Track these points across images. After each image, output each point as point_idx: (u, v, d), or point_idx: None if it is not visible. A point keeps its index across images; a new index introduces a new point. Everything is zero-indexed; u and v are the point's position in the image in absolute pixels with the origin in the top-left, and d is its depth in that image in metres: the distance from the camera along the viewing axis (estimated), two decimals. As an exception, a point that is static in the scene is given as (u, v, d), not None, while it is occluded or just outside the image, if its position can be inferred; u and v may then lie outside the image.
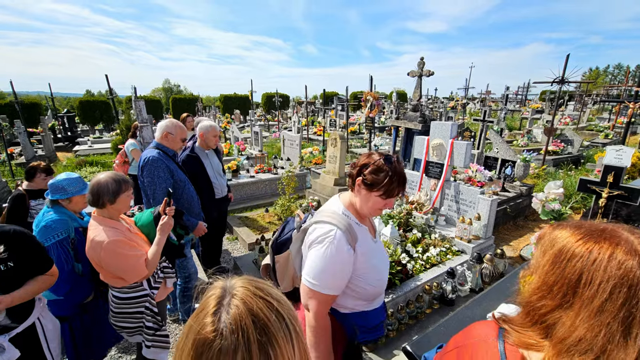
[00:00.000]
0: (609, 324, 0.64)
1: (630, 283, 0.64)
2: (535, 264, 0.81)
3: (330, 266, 1.35)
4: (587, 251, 0.70)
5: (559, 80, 7.94)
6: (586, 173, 7.58)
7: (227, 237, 5.15)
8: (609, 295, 0.65)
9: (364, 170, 1.40)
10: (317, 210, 1.59)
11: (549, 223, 4.57)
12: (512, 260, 4.32)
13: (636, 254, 0.66)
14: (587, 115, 17.76)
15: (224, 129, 13.28)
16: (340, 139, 5.67)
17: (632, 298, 0.64)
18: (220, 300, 0.64)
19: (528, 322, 0.77)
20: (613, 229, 0.73)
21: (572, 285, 0.70)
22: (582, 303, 0.68)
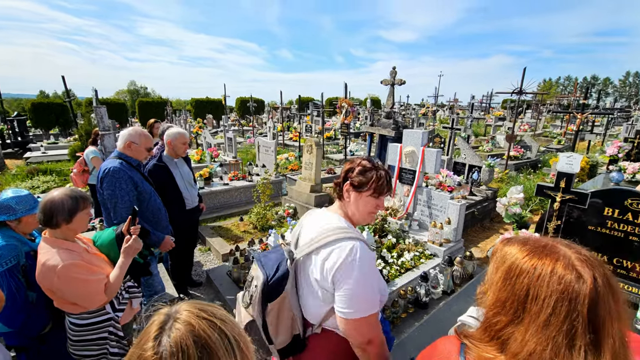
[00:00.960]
0: (554, 337, 0.68)
1: (570, 297, 0.68)
2: (489, 280, 0.84)
3: (370, 282, 1.27)
4: (532, 267, 0.73)
5: (518, 90, 8.48)
6: (543, 177, 8.11)
7: (199, 248, 4.98)
8: (552, 310, 0.69)
9: (350, 174, 1.39)
10: (314, 232, 1.36)
11: (512, 225, 4.83)
12: (480, 261, 4.52)
13: (573, 268, 0.70)
14: (543, 122, 19.09)
15: (196, 134, 12.91)
16: (316, 145, 5.70)
17: (573, 311, 0.67)
18: (162, 326, 0.66)
19: (486, 338, 0.80)
20: (553, 244, 0.77)
21: (521, 301, 0.73)
22: (531, 318, 0.71)
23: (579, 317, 0.67)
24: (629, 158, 7.04)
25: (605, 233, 3.07)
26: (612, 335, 0.68)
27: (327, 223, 1.37)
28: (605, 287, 0.69)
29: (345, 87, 10.88)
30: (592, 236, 3.14)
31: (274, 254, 1.44)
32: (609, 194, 3.08)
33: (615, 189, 3.16)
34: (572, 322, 0.67)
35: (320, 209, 1.52)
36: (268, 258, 1.43)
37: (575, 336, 0.67)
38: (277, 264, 1.36)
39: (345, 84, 10.85)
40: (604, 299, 0.68)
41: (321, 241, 1.30)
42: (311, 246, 1.32)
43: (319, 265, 1.28)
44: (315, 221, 1.43)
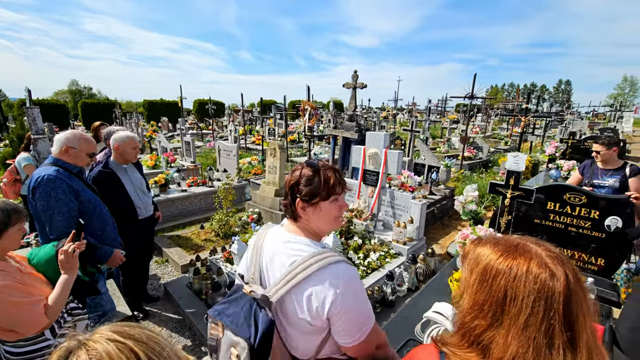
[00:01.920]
0: (535, 338, 0.67)
1: (547, 295, 0.68)
2: (464, 283, 0.82)
3: (364, 300, 1.17)
4: (508, 268, 0.72)
5: (469, 95, 9.06)
6: (494, 175, 8.73)
7: (155, 260, 4.64)
8: (531, 310, 0.68)
9: (297, 189, 1.22)
10: (285, 266, 1.18)
11: (469, 221, 5.10)
12: (441, 257, 4.70)
13: (546, 266, 0.70)
14: (491, 125, 20.62)
15: (149, 138, 12.16)
16: (280, 149, 5.60)
17: (550, 310, 0.67)
18: (66, 356, 0.62)
19: (465, 344, 0.77)
20: (524, 243, 0.77)
21: (499, 303, 0.72)
22: (511, 320, 0.70)
23: (555, 315, 0.67)
24: (564, 157, 7.81)
25: (549, 225, 3.32)
26: (585, 330, 0.69)
27: (296, 251, 1.19)
28: (576, 282, 0.70)
29: (308, 89, 10.89)
30: (538, 229, 3.39)
31: (235, 306, 1.18)
32: (550, 189, 3.34)
33: (555, 185, 3.45)
34: (550, 321, 0.67)
35: (278, 231, 1.31)
36: (233, 314, 1.16)
37: (554, 335, 0.67)
38: (251, 318, 1.12)
39: (307, 87, 10.86)
40: (576, 294, 0.69)
41: (299, 275, 1.11)
42: (288, 283, 1.13)
43: (305, 303, 1.11)
44: (281, 250, 1.23)
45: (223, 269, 3.72)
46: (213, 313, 1.21)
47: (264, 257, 1.27)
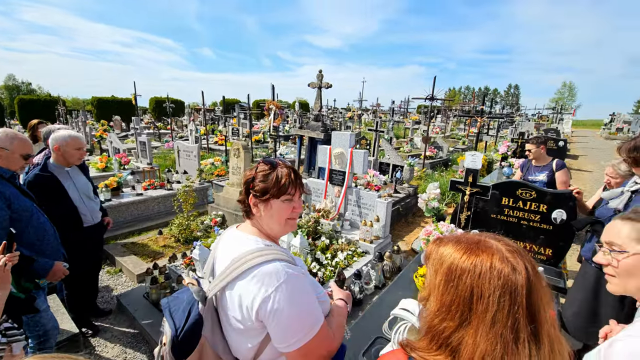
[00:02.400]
0: (502, 334, 0.67)
1: (510, 290, 0.68)
2: (430, 285, 0.80)
3: (304, 303, 1.10)
4: (472, 266, 0.72)
5: (430, 97, 9.44)
6: (453, 173, 9.18)
7: (107, 270, 4.27)
8: (497, 306, 0.68)
9: (251, 185, 1.21)
10: (227, 261, 1.15)
11: (432, 218, 5.29)
12: (406, 254, 4.82)
13: (507, 261, 0.71)
14: (450, 126, 21.76)
15: (99, 139, 11.28)
16: (244, 149, 5.42)
17: (514, 304, 0.68)
18: None
19: (434, 347, 0.75)
20: (484, 240, 0.77)
21: (467, 302, 0.71)
22: (479, 318, 0.69)
23: (519, 309, 0.67)
24: (515, 155, 8.41)
25: (503, 219, 3.52)
26: (546, 321, 0.70)
27: (240, 248, 1.16)
28: (535, 274, 0.71)
29: (273, 88, 10.71)
30: (494, 223, 3.58)
31: (185, 293, 1.17)
32: (504, 186, 3.54)
33: (509, 181, 3.66)
34: (515, 315, 0.67)
35: (233, 229, 1.30)
36: (178, 301, 1.15)
37: (519, 328, 0.67)
38: (188, 308, 1.11)
39: (272, 86, 10.68)
40: (536, 286, 0.70)
41: (234, 272, 1.09)
42: (224, 279, 1.11)
43: (236, 301, 1.08)
44: (228, 247, 1.22)
45: (184, 276, 3.51)
46: (165, 303, 1.18)
47: (217, 253, 1.28)
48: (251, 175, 1.22)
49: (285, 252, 1.19)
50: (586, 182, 9.55)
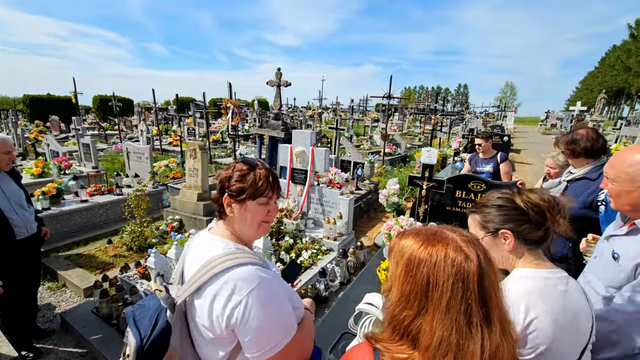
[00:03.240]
0: (456, 319, 0.70)
1: (463, 277, 0.72)
2: (391, 276, 0.83)
3: (277, 309, 1.04)
4: (428, 255, 0.76)
5: (387, 95, 9.76)
6: (411, 169, 9.58)
7: (48, 286, 3.85)
8: (451, 293, 0.71)
9: (227, 184, 1.16)
10: (196, 266, 1.09)
11: (392, 213, 5.47)
12: (369, 249, 4.93)
13: (461, 250, 0.75)
14: (407, 123, 22.71)
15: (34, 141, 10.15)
16: (201, 150, 5.18)
17: (467, 290, 0.71)
18: None
19: (396, 337, 0.78)
20: (441, 231, 0.81)
21: (423, 290, 0.74)
22: (434, 306, 0.73)
23: (472, 295, 0.71)
24: (466, 150, 9.00)
25: (457, 211, 3.74)
26: (497, 306, 0.74)
27: (210, 251, 1.09)
28: (487, 262, 0.75)
29: (230, 87, 10.38)
30: (449, 215, 3.79)
31: (152, 301, 1.08)
32: (457, 179, 3.76)
33: (461, 175, 3.90)
34: (468, 301, 0.71)
35: (204, 232, 1.24)
36: (144, 310, 1.05)
37: (472, 313, 0.71)
38: (155, 316, 1.02)
39: (229, 84, 10.34)
40: (488, 273, 0.74)
41: (204, 277, 1.02)
42: (193, 285, 1.04)
43: (206, 308, 1.01)
44: (198, 251, 1.16)
45: (138, 286, 3.26)
46: (128, 311, 1.07)
47: (188, 260, 1.21)
48: (227, 174, 1.17)
49: (257, 255, 1.14)
50: (527, 174, 10.50)
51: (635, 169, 1.32)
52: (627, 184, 1.35)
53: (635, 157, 1.33)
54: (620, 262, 1.35)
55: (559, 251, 2.36)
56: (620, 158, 1.39)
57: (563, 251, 2.34)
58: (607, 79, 53.03)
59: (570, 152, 2.24)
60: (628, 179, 1.34)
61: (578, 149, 2.19)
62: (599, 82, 55.56)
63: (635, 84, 45.85)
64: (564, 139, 2.28)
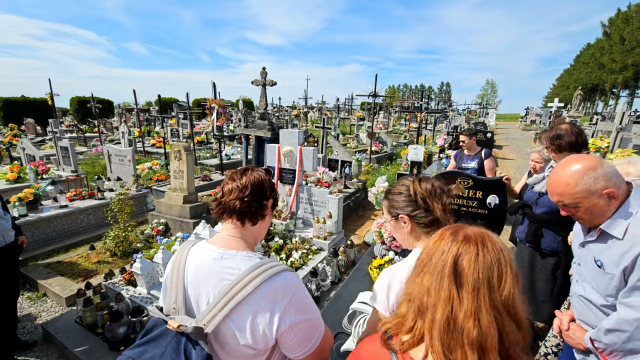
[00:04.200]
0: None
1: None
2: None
3: (312, 306, 1.06)
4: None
5: (373, 94, 9.81)
6: (398, 167, 9.68)
7: (27, 296, 3.69)
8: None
9: (268, 192, 1.19)
10: (218, 286, 0.99)
11: (382, 210, 5.51)
12: (359, 247, 4.95)
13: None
14: (392, 121, 22.94)
15: (8, 145, 9.71)
16: (186, 151, 5.07)
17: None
18: None
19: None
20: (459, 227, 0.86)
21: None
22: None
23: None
24: (451, 147, 9.15)
25: (446, 207, 3.79)
26: None
27: (232, 268, 1.01)
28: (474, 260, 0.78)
29: (214, 86, 10.21)
30: (438, 211, 3.84)
31: (156, 347, 0.93)
32: (445, 176, 3.80)
33: (449, 171, 3.95)
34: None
35: (202, 246, 1.11)
36: (152, 357, 0.91)
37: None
38: (178, 356, 0.90)
39: (213, 84, 10.18)
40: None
41: (238, 296, 0.95)
42: (225, 307, 0.95)
43: (248, 327, 0.95)
44: (211, 269, 1.03)
45: (124, 293, 3.16)
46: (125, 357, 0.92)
47: (189, 280, 1.05)
48: (269, 179, 1.19)
49: (273, 259, 1.11)
50: (510, 169, 10.78)
51: (582, 184, 1.31)
52: (587, 199, 1.32)
53: (574, 175, 1.32)
54: (607, 270, 1.34)
55: (549, 245, 2.42)
56: (562, 182, 1.36)
57: (553, 245, 2.40)
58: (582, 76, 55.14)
59: (556, 147, 2.28)
60: (585, 196, 1.31)
61: (563, 144, 2.24)
62: (575, 79, 57.69)
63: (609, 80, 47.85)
64: (548, 135, 2.33)
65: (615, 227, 1.31)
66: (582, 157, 1.35)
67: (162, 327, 0.97)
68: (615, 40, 45.61)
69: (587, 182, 1.30)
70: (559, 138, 2.24)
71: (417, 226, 1.28)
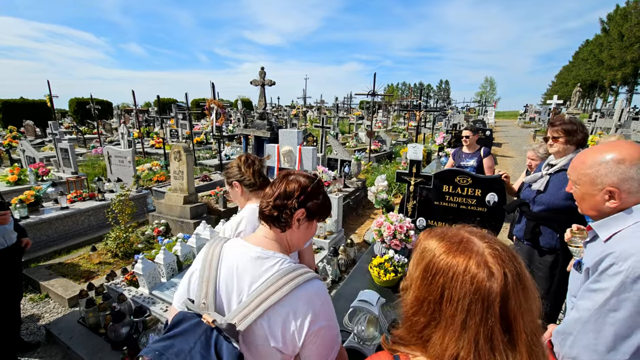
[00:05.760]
0: (476, 341, 0.64)
1: (482, 296, 0.64)
2: (409, 276, 0.79)
3: (334, 314, 1.06)
4: (447, 267, 0.69)
5: (372, 93, 9.82)
6: (397, 165, 9.69)
7: (30, 297, 3.71)
8: (467, 312, 0.65)
9: (303, 198, 1.10)
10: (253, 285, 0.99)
11: (382, 209, 5.53)
12: (359, 246, 4.97)
13: (485, 265, 0.66)
14: (391, 120, 22.96)
15: (8, 147, 9.72)
16: (185, 151, 5.08)
17: (486, 311, 0.64)
18: None
19: (412, 339, 0.75)
20: (469, 238, 0.73)
21: (437, 301, 0.69)
22: (447, 321, 0.67)
23: (492, 317, 0.64)
24: (450, 145, 9.16)
25: (445, 206, 3.80)
26: (524, 330, 0.66)
27: (269, 268, 1.02)
28: (516, 281, 0.67)
29: (213, 87, 10.22)
30: (437, 210, 3.86)
31: (183, 342, 0.91)
32: (444, 174, 3.82)
33: (448, 169, 3.96)
34: (488, 323, 0.64)
35: (238, 244, 1.10)
36: (183, 353, 0.89)
37: (493, 338, 0.64)
38: (210, 355, 0.88)
39: (212, 84, 10.19)
40: (515, 295, 0.66)
41: (273, 297, 0.95)
42: (259, 307, 0.95)
43: (279, 328, 0.96)
44: (248, 268, 1.03)
45: (126, 294, 3.19)
46: (151, 354, 0.89)
47: (222, 276, 1.03)
48: (306, 184, 1.12)
49: (304, 266, 1.11)
50: (509, 167, 10.80)
51: (594, 170, 1.22)
52: (588, 186, 1.25)
53: (595, 158, 1.23)
54: (581, 271, 1.29)
55: (548, 243, 2.42)
56: (581, 158, 1.29)
57: (551, 243, 2.41)
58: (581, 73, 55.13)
59: (566, 133, 2.25)
60: (588, 181, 1.24)
61: (577, 137, 2.25)
62: (574, 76, 57.70)
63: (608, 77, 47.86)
64: (562, 120, 2.32)
65: (603, 229, 1.24)
66: (627, 148, 1.20)
67: (191, 321, 0.95)
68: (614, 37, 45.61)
69: (599, 170, 1.21)
70: (573, 125, 2.26)
71: (246, 189, 1.85)
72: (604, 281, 1.13)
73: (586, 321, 1.16)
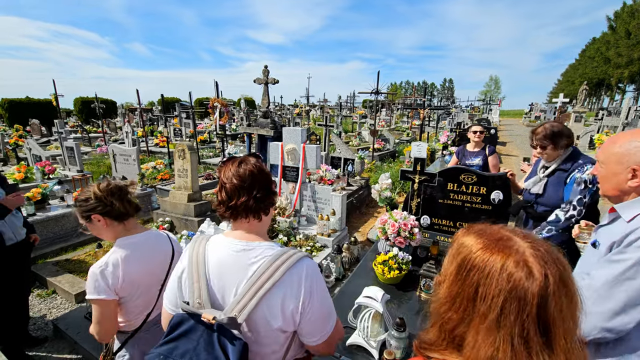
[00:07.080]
0: (511, 340, 0.62)
1: (519, 296, 0.62)
2: (444, 271, 0.77)
3: (327, 292, 1.12)
4: (482, 263, 0.67)
5: (375, 91, 9.80)
6: (401, 164, 9.67)
7: (37, 293, 3.76)
8: (501, 310, 0.63)
9: (274, 184, 1.22)
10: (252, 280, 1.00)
11: (385, 207, 5.52)
12: (362, 244, 4.97)
13: (525, 264, 0.64)
14: (394, 119, 22.89)
15: (14, 146, 9.82)
16: (189, 150, 5.11)
17: (522, 312, 0.62)
18: None
19: (443, 342, 0.73)
20: (509, 236, 0.71)
21: (470, 298, 0.67)
22: (480, 319, 0.66)
23: (529, 318, 0.62)
24: (454, 144, 9.13)
25: (449, 204, 3.79)
26: (563, 336, 0.63)
27: (258, 257, 1.04)
28: (558, 283, 0.63)
29: (217, 85, 10.25)
30: (441, 208, 3.85)
31: (187, 343, 0.94)
32: (449, 172, 3.81)
33: (452, 167, 3.95)
34: (523, 324, 0.62)
35: (221, 240, 1.11)
36: (188, 353, 0.92)
37: (529, 338, 0.62)
38: (215, 350, 0.91)
39: (216, 83, 10.21)
40: (556, 298, 0.63)
41: (269, 281, 0.98)
42: (257, 294, 0.97)
43: (279, 309, 0.99)
44: (235, 261, 1.04)
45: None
46: (156, 358, 0.91)
47: (212, 274, 1.04)
48: (267, 170, 1.21)
49: (292, 247, 1.20)
50: (513, 166, 10.73)
51: (624, 149, 1.26)
52: (614, 165, 1.29)
53: (627, 139, 1.27)
54: (600, 249, 1.31)
55: (554, 241, 2.44)
56: (613, 139, 1.34)
57: (558, 239, 2.41)
58: (588, 71, 54.57)
59: (552, 141, 2.30)
60: (615, 160, 1.29)
61: (563, 142, 2.28)
62: (580, 74, 57.14)
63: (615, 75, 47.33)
64: (545, 133, 2.35)
65: (627, 210, 1.27)
66: None
67: (191, 321, 0.97)
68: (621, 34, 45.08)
69: (629, 149, 1.25)
70: (560, 134, 2.27)
71: (112, 220, 1.51)
72: (629, 252, 1.17)
73: (598, 287, 1.19)
